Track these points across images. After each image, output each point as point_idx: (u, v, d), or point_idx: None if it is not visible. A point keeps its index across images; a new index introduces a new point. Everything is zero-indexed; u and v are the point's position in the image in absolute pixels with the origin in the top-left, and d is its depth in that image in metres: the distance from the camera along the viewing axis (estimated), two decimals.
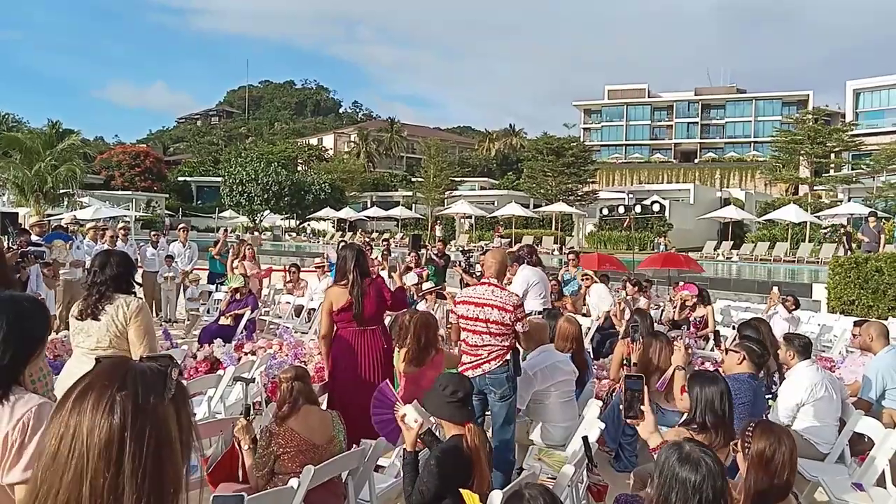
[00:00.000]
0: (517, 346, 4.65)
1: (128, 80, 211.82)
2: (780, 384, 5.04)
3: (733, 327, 9.11)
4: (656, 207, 18.90)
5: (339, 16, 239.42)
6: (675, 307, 9.57)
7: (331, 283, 5.10)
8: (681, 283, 10.89)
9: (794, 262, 29.70)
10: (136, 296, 3.76)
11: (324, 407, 4.29)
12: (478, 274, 10.26)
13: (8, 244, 6.21)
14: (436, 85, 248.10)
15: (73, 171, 28.74)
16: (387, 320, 5.55)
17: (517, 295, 4.83)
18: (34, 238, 8.32)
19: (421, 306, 9.16)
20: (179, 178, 61.17)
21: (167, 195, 54.27)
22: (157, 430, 1.10)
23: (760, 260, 31.16)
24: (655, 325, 8.21)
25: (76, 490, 1.05)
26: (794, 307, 9.14)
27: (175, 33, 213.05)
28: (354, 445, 3.73)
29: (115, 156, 55.06)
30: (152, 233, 13.97)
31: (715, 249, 34.19)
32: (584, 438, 3.47)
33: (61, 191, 28.85)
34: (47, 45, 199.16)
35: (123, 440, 1.06)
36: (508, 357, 4.48)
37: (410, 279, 9.50)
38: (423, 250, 14.28)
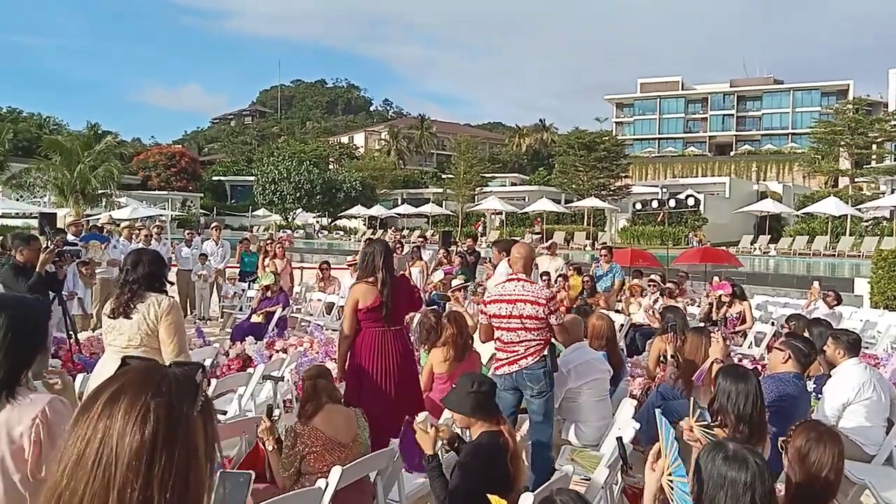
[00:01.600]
0: (552, 340, 4.55)
1: (163, 82, 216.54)
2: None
3: (772, 323, 8.87)
4: (691, 201, 18.48)
5: (368, 15, 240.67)
6: (710, 305, 9.35)
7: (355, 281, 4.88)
8: (715, 281, 10.64)
9: (834, 256, 28.90)
10: (167, 294, 3.77)
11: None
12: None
13: (46, 244, 6.33)
14: (466, 82, 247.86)
15: (111, 172, 29.34)
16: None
17: (548, 288, 4.74)
18: (70, 237, 8.47)
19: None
20: (214, 178, 62.08)
21: (202, 194, 55.14)
22: (187, 441, 1.06)
23: (799, 254, 30.38)
24: (691, 321, 8.03)
25: (102, 499, 1.00)
26: (835, 302, 8.87)
27: (208, 36, 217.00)
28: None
29: (152, 156, 56.07)
30: (186, 231, 14.14)
31: (752, 244, 33.47)
32: (619, 439, 3.36)
33: (99, 191, 29.45)
34: (85, 51, 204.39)
35: (154, 450, 1.02)
36: (545, 352, 4.41)
37: (437, 276, 9.44)
38: (454, 247, 14.20)
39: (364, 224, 47.87)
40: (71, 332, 6.73)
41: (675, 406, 5.07)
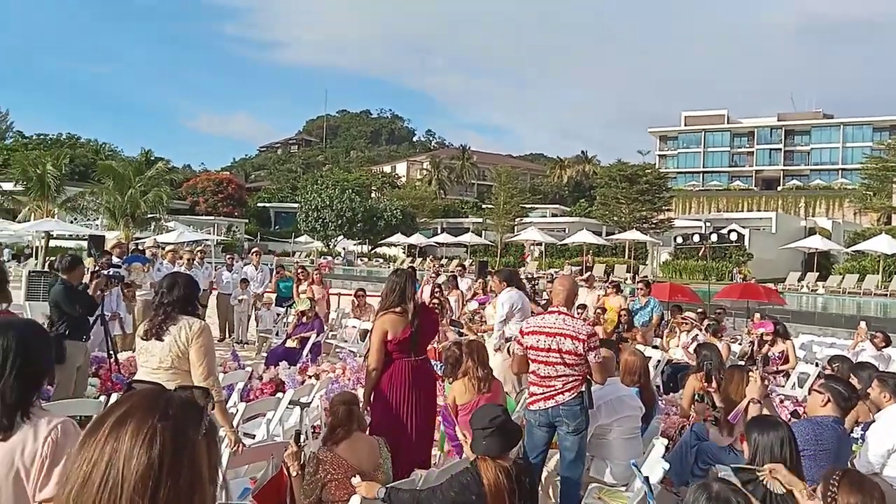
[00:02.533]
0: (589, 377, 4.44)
1: (214, 110, 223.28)
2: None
3: (816, 364, 8.57)
4: (733, 236, 18.12)
5: (413, 45, 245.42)
6: (751, 344, 9.09)
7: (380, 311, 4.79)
8: (757, 319, 10.36)
9: (885, 295, 27.85)
10: (199, 317, 3.84)
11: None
12: (543, 302, 10.09)
13: (93, 266, 6.62)
14: (507, 112, 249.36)
15: (160, 197, 30.30)
16: None
17: (589, 324, 4.67)
18: (115, 259, 8.74)
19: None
20: (259, 204, 63.47)
21: (247, 220, 56.40)
22: (192, 464, 1.08)
23: (848, 293, 29.37)
24: (732, 359, 7.81)
25: None
26: (883, 344, 8.53)
27: (258, 65, 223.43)
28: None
29: (200, 182, 57.66)
30: (227, 256, 14.43)
31: (799, 281, 32.49)
32: (646, 479, 3.28)
33: (149, 215, 30.38)
34: (142, 79, 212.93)
35: (161, 473, 1.03)
36: (583, 389, 4.29)
37: (472, 306, 9.41)
38: (490, 277, 14.14)
39: (403, 252, 48.19)
40: (111, 352, 6.90)
41: (711, 447, 4.93)
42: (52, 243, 28.72)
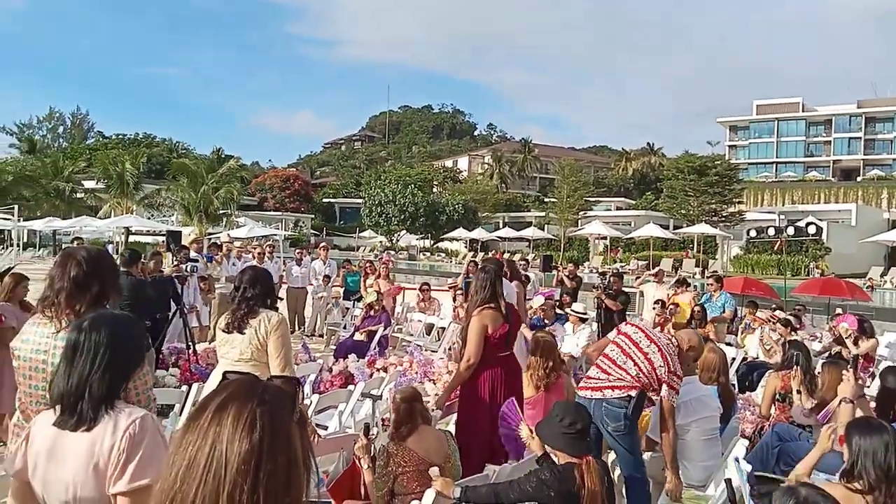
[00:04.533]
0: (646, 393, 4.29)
1: (279, 108, 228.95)
2: None
3: None
4: (811, 229, 17.36)
5: (473, 40, 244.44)
6: (832, 339, 8.68)
7: (464, 303, 4.81)
8: (840, 314, 9.88)
9: None
10: (277, 311, 3.94)
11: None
12: (622, 298, 9.90)
13: (172, 260, 6.92)
14: (570, 105, 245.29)
15: (231, 193, 31.35)
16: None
17: (662, 319, 4.55)
18: (192, 254, 9.07)
19: (568, 330, 8.94)
20: (324, 200, 64.79)
21: (313, 216, 57.71)
22: (288, 448, 1.12)
23: None
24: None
25: (213, 501, 1.06)
26: None
27: (322, 63, 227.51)
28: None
29: (269, 179, 59.33)
30: (297, 251, 14.78)
31: (881, 276, 30.88)
32: (728, 481, 3.17)
33: (220, 211, 31.45)
34: (213, 79, 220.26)
35: (261, 456, 1.08)
36: (633, 393, 4.10)
37: (538, 301, 9.33)
38: (555, 271, 14.01)
39: (465, 247, 48.28)
40: (190, 344, 7.17)
41: (793, 448, 4.73)
42: (131, 238, 30.09)
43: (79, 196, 40.84)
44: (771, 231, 19.79)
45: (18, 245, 28.92)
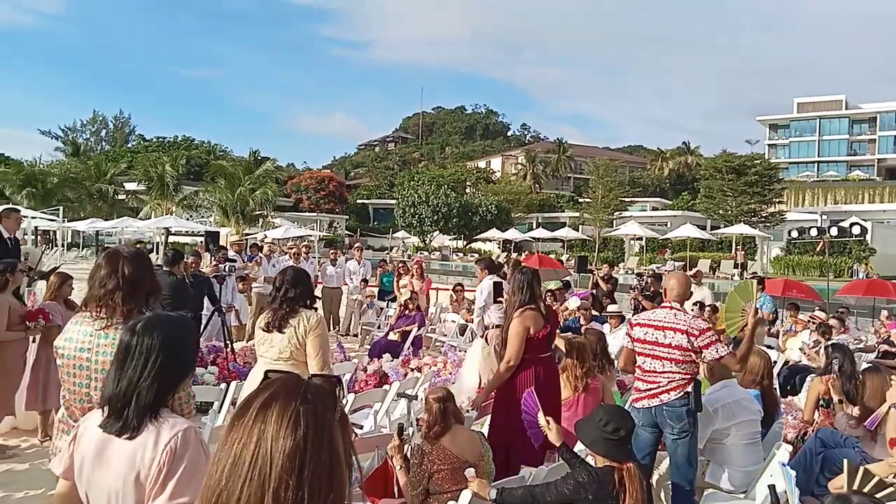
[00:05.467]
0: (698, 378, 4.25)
1: (314, 110, 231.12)
2: None
3: None
4: (856, 230, 16.86)
5: (506, 40, 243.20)
6: (878, 342, 8.43)
7: (504, 307, 4.80)
8: (883, 316, 9.58)
9: None
10: (316, 310, 3.98)
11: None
12: (660, 300, 9.76)
13: (210, 259, 7.07)
14: (604, 104, 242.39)
15: (267, 195, 31.76)
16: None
17: (704, 319, 4.48)
18: (231, 254, 9.22)
19: (606, 331, 8.85)
20: (358, 201, 65.26)
21: (347, 216, 58.17)
22: (331, 446, 1.14)
23: None
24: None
25: (259, 498, 1.07)
26: None
27: (356, 65, 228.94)
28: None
29: (304, 180, 59.97)
30: (331, 251, 14.92)
31: None
32: (772, 487, 3.09)
33: (256, 212, 31.91)
34: (246, 82, 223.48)
35: (305, 453, 1.09)
36: (690, 389, 4.10)
37: (573, 303, 9.25)
38: (590, 273, 13.88)
39: (499, 247, 48.15)
40: (228, 342, 7.28)
41: (839, 455, 4.60)
42: (171, 239, 30.71)
43: (120, 198, 41.95)
44: (813, 232, 19.27)
45: (63, 245, 29.75)
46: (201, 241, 18.08)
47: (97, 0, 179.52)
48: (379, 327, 11.38)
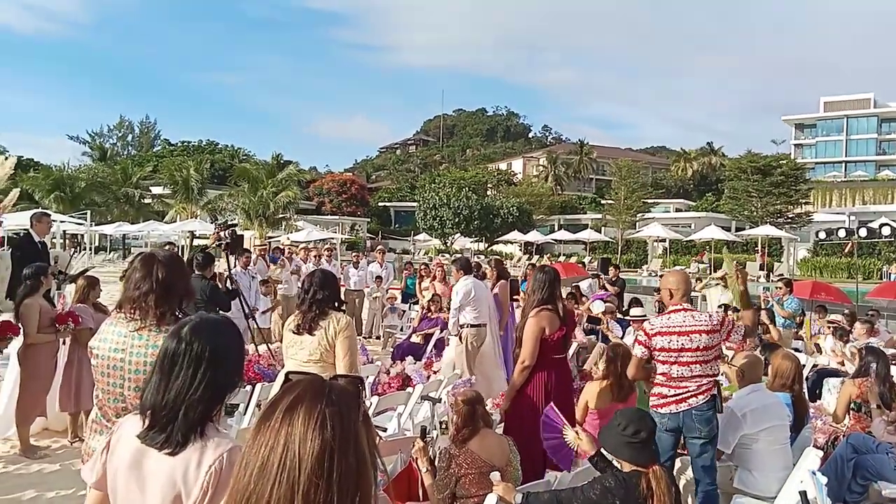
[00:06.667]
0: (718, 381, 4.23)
1: (335, 114, 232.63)
2: None
3: None
4: (885, 231, 16.50)
5: (527, 41, 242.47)
6: None
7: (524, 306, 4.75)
8: None
9: None
10: (344, 312, 3.99)
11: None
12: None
13: (234, 262, 7.16)
14: (626, 105, 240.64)
15: (290, 198, 31.97)
16: None
17: (716, 312, 4.44)
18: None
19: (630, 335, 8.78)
20: (380, 204, 65.50)
21: (369, 219, 58.43)
22: (357, 447, 1.14)
23: None
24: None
25: (289, 500, 1.08)
26: None
27: (377, 69, 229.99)
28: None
29: (326, 184, 60.34)
30: (354, 254, 14.99)
31: None
32: (803, 493, 3.04)
33: (279, 215, 32.14)
34: (267, 86, 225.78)
35: (332, 454, 1.09)
36: (714, 392, 4.12)
37: (597, 307, 9.19)
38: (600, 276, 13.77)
39: (520, 249, 48.00)
40: (254, 344, 7.34)
41: (871, 460, 4.51)
42: (195, 242, 31.08)
43: (146, 201, 42.55)
44: (841, 233, 18.89)
45: (91, 248, 30.24)
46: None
47: (123, 9, 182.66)
48: (401, 330, 11.40)
